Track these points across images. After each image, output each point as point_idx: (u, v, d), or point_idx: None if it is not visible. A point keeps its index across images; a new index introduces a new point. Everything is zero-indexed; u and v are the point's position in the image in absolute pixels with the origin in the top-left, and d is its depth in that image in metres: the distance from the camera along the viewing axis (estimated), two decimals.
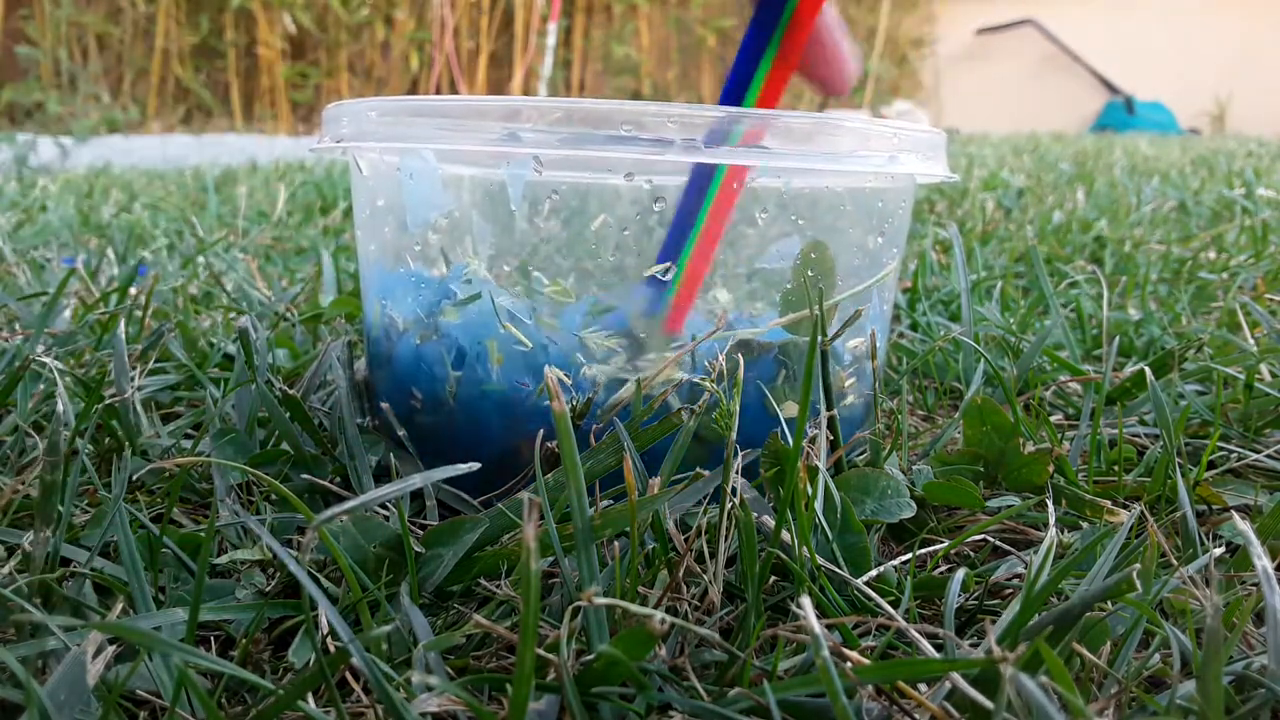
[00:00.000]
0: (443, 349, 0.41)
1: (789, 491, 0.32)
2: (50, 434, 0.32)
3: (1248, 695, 0.26)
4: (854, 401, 0.45)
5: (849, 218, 0.42)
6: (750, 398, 0.40)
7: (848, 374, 0.44)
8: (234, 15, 4.50)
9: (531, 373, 0.40)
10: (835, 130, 0.38)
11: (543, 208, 0.40)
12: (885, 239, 0.44)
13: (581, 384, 0.40)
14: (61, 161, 2.46)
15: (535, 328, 0.40)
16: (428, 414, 0.42)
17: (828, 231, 0.41)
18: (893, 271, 0.45)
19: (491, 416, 0.41)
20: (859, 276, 0.43)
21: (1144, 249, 1.06)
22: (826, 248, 0.41)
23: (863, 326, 0.44)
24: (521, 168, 0.38)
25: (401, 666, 0.29)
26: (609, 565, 0.31)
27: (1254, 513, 0.42)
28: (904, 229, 0.46)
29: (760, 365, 0.41)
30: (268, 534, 0.29)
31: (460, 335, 0.41)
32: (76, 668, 0.25)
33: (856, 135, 0.38)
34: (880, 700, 0.27)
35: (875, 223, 0.43)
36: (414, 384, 0.42)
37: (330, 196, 1.59)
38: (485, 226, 0.41)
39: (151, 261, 0.96)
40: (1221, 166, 2.06)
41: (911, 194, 0.46)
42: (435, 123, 0.38)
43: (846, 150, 0.38)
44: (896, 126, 0.39)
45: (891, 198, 0.43)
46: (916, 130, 0.40)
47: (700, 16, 5.17)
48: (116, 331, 0.48)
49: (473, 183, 0.41)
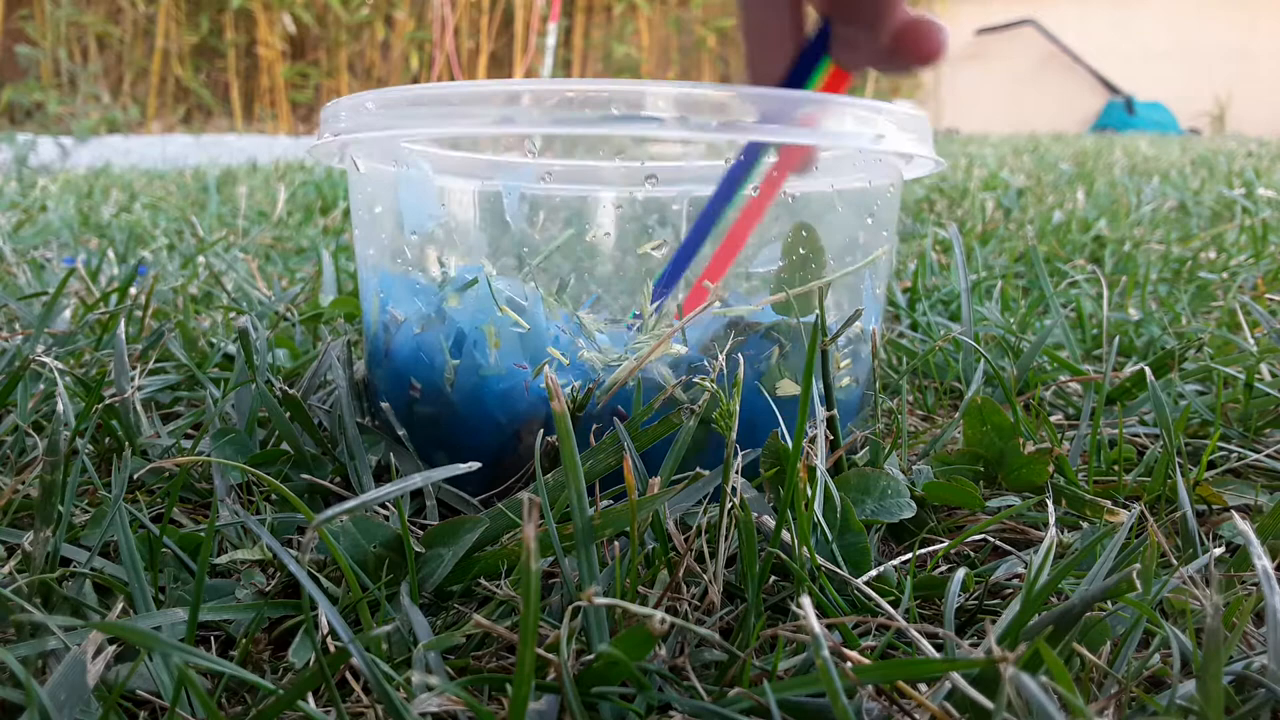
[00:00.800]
0: (441, 335, 0.41)
1: (789, 491, 0.32)
2: (50, 434, 0.32)
3: (1248, 695, 0.26)
4: (850, 384, 0.45)
5: (838, 200, 0.42)
6: (745, 378, 0.40)
7: (843, 355, 0.44)
8: (234, 15, 4.50)
9: (529, 356, 0.40)
10: (822, 108, 0.37)
11: (538, 218, 0.40)
12: (875, 221, 0.43)
13: (579, 366, 0.39)
14: (61, 161, 2.46)
15: (532, 311, 0.40)
16: (427, 403, 0.42)
17: (817, 214, 0.41)
18: (885, 254, 0.45)
19: (490, 402, 0.41)
20: (848, 259, 0.43)
21: (1144, 249, 1.06)
22: (814, 229, 0.41)
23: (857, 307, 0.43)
24: (517, 178, 0.38)
25: (401, 666, 0.29)
26: (609, 565, 0.31)
27: (1254, 513, 0.42)
28: (894, 211, 0.46)
29: (753, 344, 0.41)
30: (268, 534, 0.29)
31: (460, 319, 0.41)
32: (76, 668, 0.25)
33: (843, 113, 0.38)
34: (880, 700, 0.27)
35: (864, 204, 0.43)
36: (413, 374, 0.42)
37: (330, 197, 1.59)
38: (481, 236, 0.41)
39: (151, 261, 0.96)
40: (1221, 166, 2.06)
41: (900, 176, 0.45)
42: (432, 110, 0.37)
43: (834, 128, 0.38)
44: (882, 106, 0.39)
45: (880, 177, 0.43)
46: (901, 110, 0.40)
47: (700, 16, 5.17)
48: (116, 331, 0.48)
49: (470, 194, 0.41)
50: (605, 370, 0.39)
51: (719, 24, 5.15)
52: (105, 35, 4.40)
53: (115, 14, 4.42)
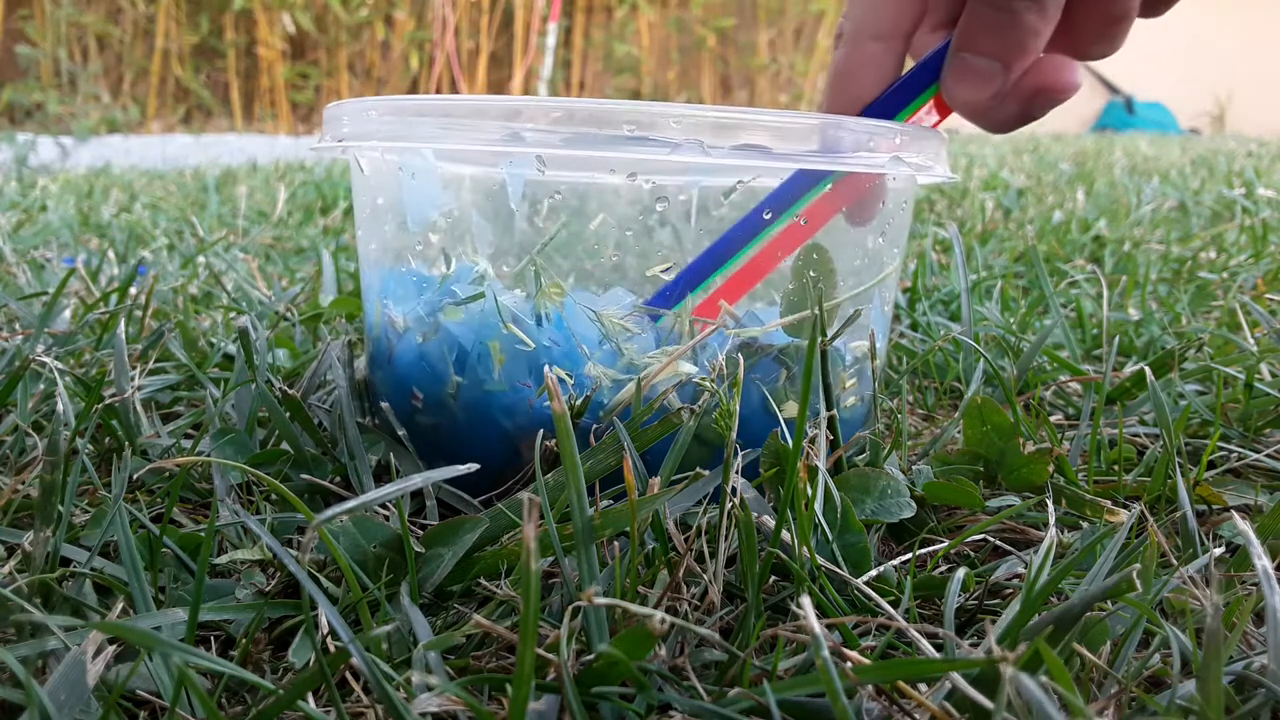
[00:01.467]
0: (445, 347, 0.41)
1: (789, 491, 0.32)
2: (50, 434, 0.32)
3: (1248, 695, 0.26)
4: (855, 404, 0.45)
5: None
6: (753, 399, 0.40)
7: (849, 375, 0.44)
8: (234, 16, 4.50)
9: (533, 373, 0.40)
10: (837, 129, 0.38)
11: (542, 207, 0.40)
12: (886, 239, 0.44)
13: (583, 381, 0.40)
14: (61, 161, 2.46)
15: (538, 327, 0.40)
16: (429, 413, 0.42)
17: (827, 231, 0.41)
18: (894, 272, 0.45)
19: (494, 417, 0.41)
20: (859, 277, 0.43)
21: (1144, 249, 1.06)
22: (825, 250, 0.41)
23: (864, 328, 0.44)
24: (522, 166, 0.38)
25: (401, 666, 0.29)
26: (609, 565, 0.31)
27: (1254, 512, 0.42)
28: (905, 229, 0.46)
29: (762, 367, 0.41)
30: (268, 534, 0.29)
31: (462, 335, 0.41)
32: (76, 668, 0.25)
33: (858, 135, 0.38)
34: (880, 700, 0.27)
35: (876, 223, 0.43)
36: (415, 383, 0.42)
37: (330, 196, 1.59)
38: (485, 225, 0.41)
39: (151, 261, 0.96)
40: (1221, 166, 2.05)
41: (912, 194, 0.45)
42: (437, 122, 0.37)
43: (849, 149, 0.38)
44: (899, 127, 0.39)
45: (892, 198, 0.43)
46: (918, 131, 0.40)
47: (700, 16, 5.17)
48: (116, 331, 0.48)
49: (473, 182, 0.41)
50: (612, 387, 0.39)
51: (719, 24, 5.14)
52: (105, 35, 4.40)
53: (115, 14, 4.42)
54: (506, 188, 0.38)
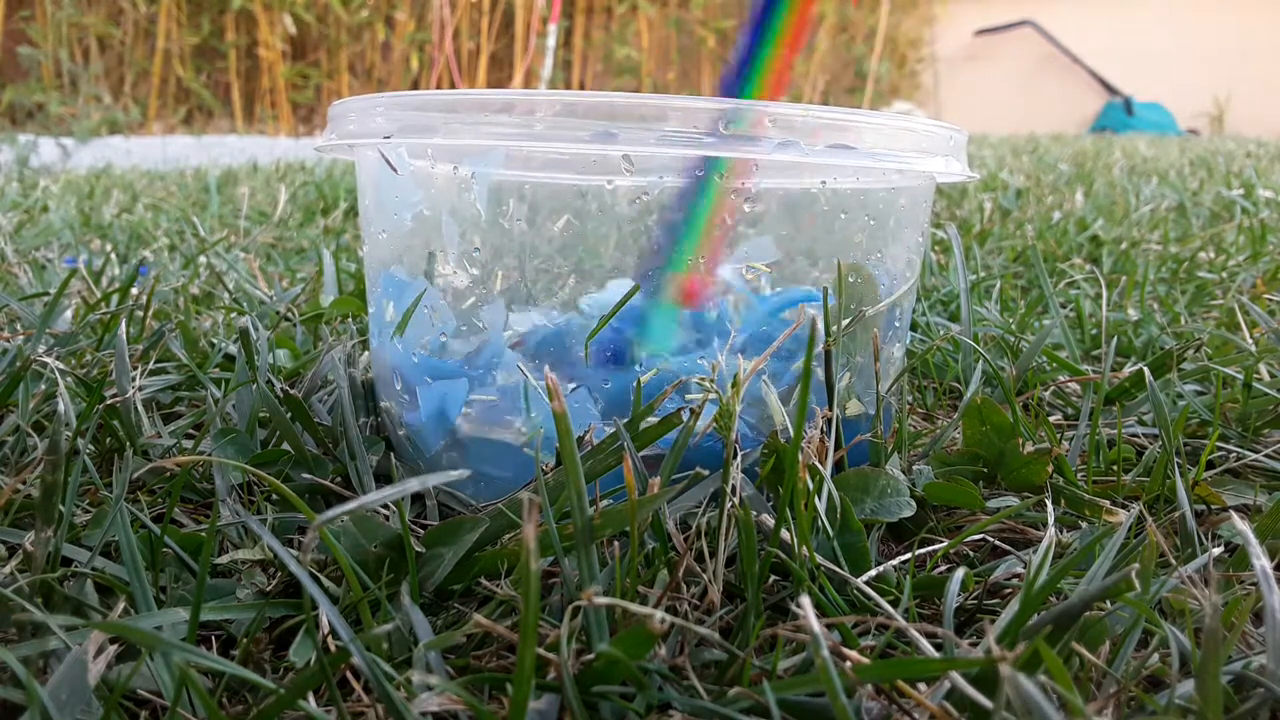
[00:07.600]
0: (459, 389, 0.41)
1: (789, 491, 0.32)
2: (51, 434, 0.32)
3: (1246, 695, 0.27)
4: (860, 415, 0.45)
5: (867, 215, 0.42)
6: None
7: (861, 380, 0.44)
8: (235, 16, 4.50)
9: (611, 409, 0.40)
10: (859, 127, 0.37)
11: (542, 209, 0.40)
12: (897, 240, 0.43)
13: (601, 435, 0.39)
14: (63, 162, 2.46)
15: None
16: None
17: (840, 232, 0.41)
18: (914, 282, 0.45)
19: (504, 451, 0.40)
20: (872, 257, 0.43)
21: (1143, 249, 1.06)
22: (864, 268, 0.41)
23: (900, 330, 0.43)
24: (487, 164, 0.37)
25: (402, 666, 0.29)
26: (609, 565, 0.31)
27: (1253, 512, 0.42)
28: (924, 229, 0.45)
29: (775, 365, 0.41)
30: (269, 534, 0.29)
31: (481, 378, 0.40)
32: (78, 667, 0.25)
33: (880, 132, 0.38)
34: (880, 699, 0.27)
35: (893, 224, 0.43)
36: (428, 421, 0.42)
37: (331, 197, 1.59)
38: (488, 230, 0.41)
39: (153, 261, 0.96)
40: (1220, 167, 2.06)
41: (931, 195, 0.45)
42: (444, 116, 0.37)
43: (869, 147, 0.37)
44: (921, 124, 0.39)
45: (911, 196, 0.43)
46: (940, 128, 0.40)
47: (700, 17, 5.17)
48: (118, 331, 0.48)
49: (539, 188, 0.41)
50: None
51: (719, 24, 5.14)
52: (106, 36, 4.40)
53: (116, 15, 4.42)
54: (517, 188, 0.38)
